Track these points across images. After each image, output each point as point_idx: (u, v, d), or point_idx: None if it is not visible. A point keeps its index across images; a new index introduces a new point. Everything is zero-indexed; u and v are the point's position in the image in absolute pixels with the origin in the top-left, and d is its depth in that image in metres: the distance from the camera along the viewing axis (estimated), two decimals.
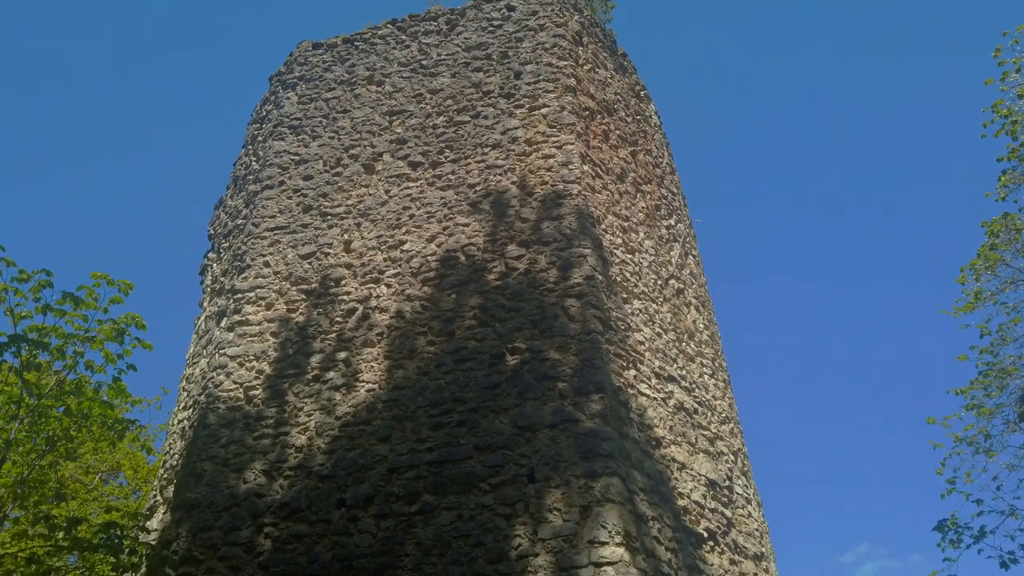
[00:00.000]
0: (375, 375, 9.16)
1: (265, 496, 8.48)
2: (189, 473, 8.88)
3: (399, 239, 10.37)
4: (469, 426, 8.41)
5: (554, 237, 9.71)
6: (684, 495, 8.82)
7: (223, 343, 9.92)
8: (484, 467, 8.08)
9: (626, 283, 10.10)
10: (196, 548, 8.19)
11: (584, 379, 8.42)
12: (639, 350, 9.53)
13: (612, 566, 7.09)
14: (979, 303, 10.25)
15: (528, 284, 9.38)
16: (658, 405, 9.30)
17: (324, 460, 8.61)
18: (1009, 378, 9.53)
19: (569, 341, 8.76)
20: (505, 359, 8.83)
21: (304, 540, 8.06)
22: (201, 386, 9.85)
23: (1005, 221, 10.15)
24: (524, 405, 8.40)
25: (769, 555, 10.03)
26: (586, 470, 7.74)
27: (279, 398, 9.26)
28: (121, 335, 8.71)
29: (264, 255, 10.70)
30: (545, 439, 8.11)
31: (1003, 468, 9.21)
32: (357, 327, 9.68)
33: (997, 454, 9.34)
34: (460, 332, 9.22)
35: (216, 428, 9.12)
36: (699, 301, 12.01)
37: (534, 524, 7.55)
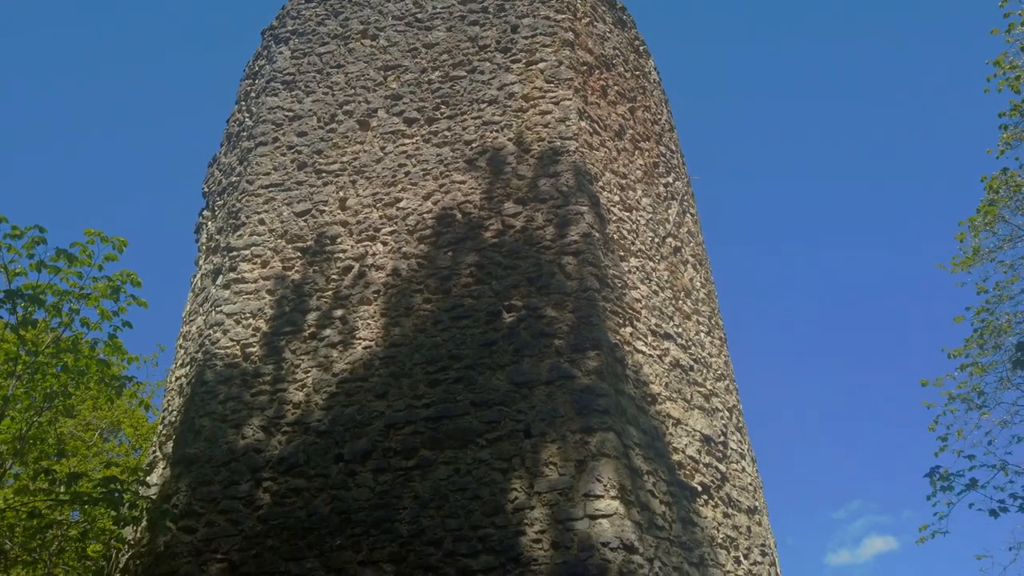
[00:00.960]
0: (372, 332, 9.17)
1: (263, 451, 8.55)
2: (188, 429, 8.94)
3: (395, 196, 10.29)
4: (466, 383, 8.45)
5: (551, 194, 9.64)
6: (679, 450, 8.91)
7: (219, 301, 9.90)
8: (481, 423, 8.14)
9: (623, 241, 10.06)
10: (196, 502, 8.28)
11: (580, 336, 8.43)
12: (635, 307, 9.53)
13: (607, 519, 7.19)
14: (977, 260, 10.23)
15: (525, 242, 9.34)
16: (654, 362, 9.34)
17: (322, 416, 8.67)
18: (1004, 335, 9.56)
19: (566, 298, 8.76)
20: (502, 316, 8.84)
21: (303, 494, 8.16)
22: (198, 343, 9.86)
23: (1005, 177, 10.08)
24: (521, 362, 8.43)
25: (762, 509, 10.18)
26: (582, 426, 7.80)
27: (276, 355, 9.28)
28: (116, 292, 8.69)
29: (259, 212, 10.62)
30: (541, 395, 8.16)
31: (995, 424, 9.31)
32: (353, 285, 9.66)
33: (990, 411, 9.43)
34: (457, 290, 9.21)
35: (214, 385, 9.15)
36: (696, 259, 11.99)
37: (530, 478, 7.63)
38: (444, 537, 7.51)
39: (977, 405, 9.42)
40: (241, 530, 8.04)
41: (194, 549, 7.99)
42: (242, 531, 8.03)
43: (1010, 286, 9.70)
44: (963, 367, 9.78)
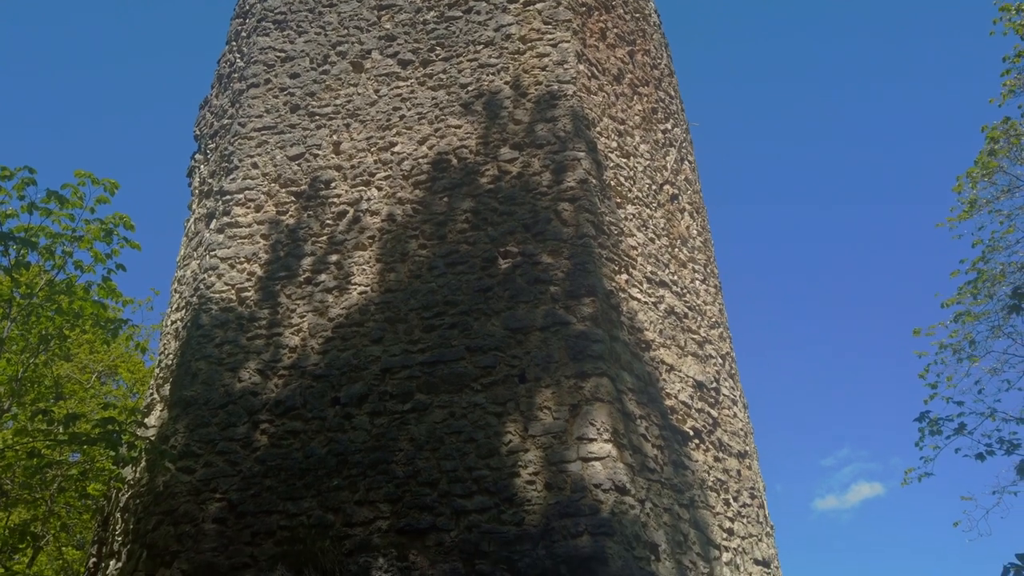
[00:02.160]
0: (367, 278, 9.15)
1: (260, 394, 8.61)
2: (184, 372, 8.98)
3: (389, 141, 10.15)
4: (461, 328, 8.48)
5: (548, 139, 9.52)
6: (672, 395, 9.01)
7: (213, 245, 9.85)
8: (476, 368, 8.20)
9: (620, 188, 9.98)
10: (194, 443, 8.37)
11: (576, 283, 8.43)
12: (631, 255, 9.51)
13: (600, 461, 7.31)
14: (974, 211, 10.20)
15: (521, 187, 9.26)
16: (649, 309, 9.37)
17: (318, 360, 8.71)
18: (998, 285, 9.58)
19: (562, 245, 8.73)
20: (497, 263, 8.82)
21: (300, 436, 8.25)
22: (193, 287, 9.84)
23: (1006, 127, 9.97)
24: (516, 308, 8.44)
25: (752, 454, 10.35)
26: (576, 371, 7.86)
27: (272, 300, 9.27)
28: (109, 235, 8.63)
29: (252, 156, 10.48)
30: (536, 341, 8.19)
31: (985, 372, 9.40)
32: (348, 230, 9.60)
33: (980, 359, 9.52)
34: (452, 236, 9.17)
35: (209, 328, 9.16)
36: (693, 207, 11.93)
37: (524, 422, 7.72)
38: (439, 478, 7.63)
39: (968, 354, 9.51)
40: (239, 471, 8.15)
41: (193, 489, 8.11)
42: (240, 472, 8.14)
43: (1006, 236, 9.71)
44: (956, 316, 9.84)
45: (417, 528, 7.40)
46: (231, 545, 7.74)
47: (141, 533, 8.26)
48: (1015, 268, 9.57)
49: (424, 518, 7.44)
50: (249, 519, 7.85)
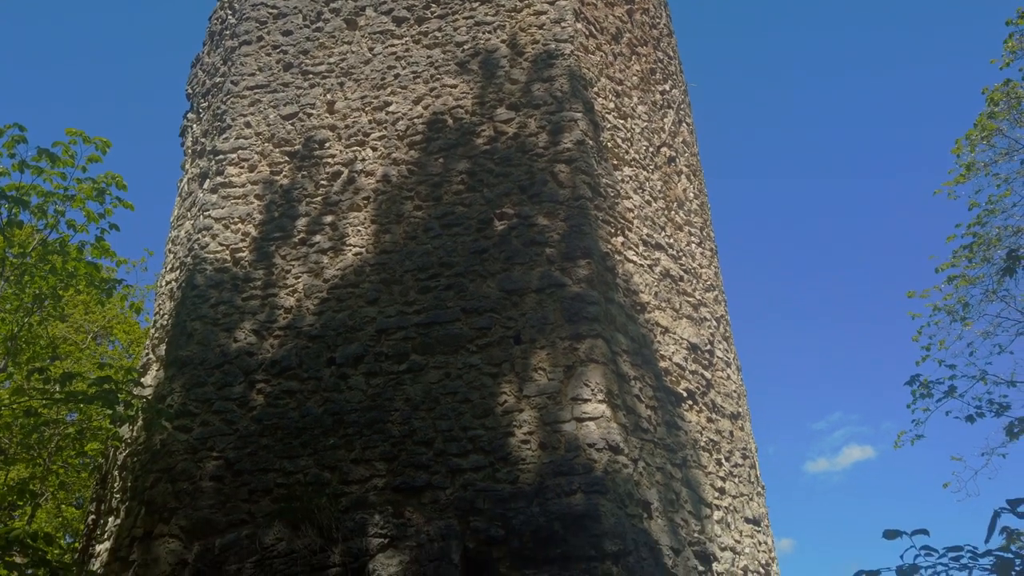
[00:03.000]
0: (362, 239, 9.12)
1: (256, 354, 8.64)
2: (180, 332, 8.99)
3: (384, 100, 10.03)
4: (456, 290, 8.48)
5: (544, 100, 9.42)
6: (666, 357, 9.06)
7: (207, 205, 9.78)
8: (471, 329, 8.22)
9: (617, 149, 9.91)
10: (190, 403, 8.42)
11: (572, 245, 8.42)
12: (628, 217, 9.49)
13: (594, 421, 7.38)
14: (971, 174, 10.15)
15: (517, 148, 9.19)
16: (644, 272, 9.37)
17: (313, 321, 8.72)
18: (993, 248, 9.58)
19: (558, 207, 8.69)
20: (493, 224, 8.78)
21: (296, 396, 8.30)
22: (187, 248, 9.80)
23: (1007, 89, 9.88)
24: (511, 270, 8.43)
25: (745, 415, 10.46)
26: (571, 332, 7.89)
27: (266, 260, 9.25)
28: (102, 194, 8.56)
29: (245, 115, 10.36)
30: (532, 303, 8.21)
31: (978, 336, 9.46)
32: (343, 191, 9.54)
33: (973, 322, 9.57)
34: (448, 197, 9.11)
35: (204, 289, 9.15)
36: (690, 170, 11.87)
37: (519, 382, 7.77)
38: (435, 437, 7.70)
39: (961, 317, 9.55)
40: (236, 430, 8.21)
41: (190, 447, 8.18)
42: (237, 431, 8.20)
43: (1003, 200, 9.68)
44: (950, 279, 9.86)
45: (413, 486, 7.49)
46: (228, 502, 7.83)
47: (139, 490, 8.34)
48: (1011, 232, 9.58)
49: (420, 476, 7.53)
50: (246, 477, 7.93)
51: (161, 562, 7.61)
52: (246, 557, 7.10)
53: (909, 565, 3.27)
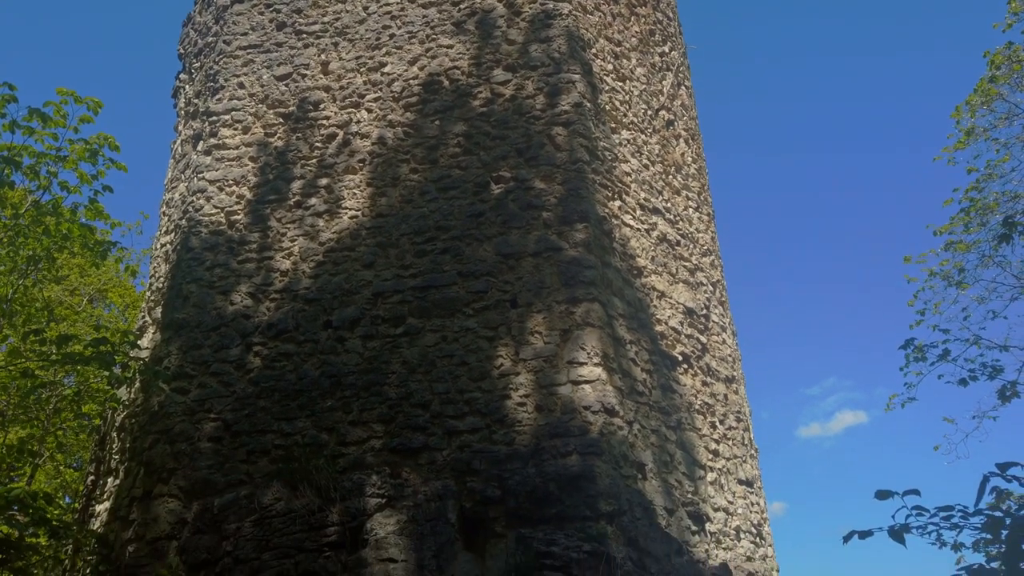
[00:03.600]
0: (358, 202, 9.06)
1: (252, 317, 8.63)
2: (176, 295, 8.97)
3: (379, 61, 9.88)
4: (453, 254, 8.46)
5: (542, 61, 9.29)
6: (662, 321, 9.09)
7: (201, 167, 9.69)
8: (468, 293, 8.22)
9: (615, 112, 9.81)
10: (187, 365, 8.44)
11: (569, 209, 8.38)
12: (625, 181, 9.43)
13: (590, 384, 7.42)
14: (971, 140, 10.09)
15: (514, 111, 9.09)
16: (641, 236, 9.35)
17: (309, 284, 8.70)
18: (990, 214, 9.57)
19: (555, 170, 8.63)
20: (489, 188, 8.73)
21: (293, 358, 8.32)
22: (182, 210, 9.73)
23: (1008, 52, 9.77)
24: (508, 234, 8.40)
25: (739, 379, 10.53)
26: (568, 296, 7.89)
27: (262, 223, 9.19)
28: (94, 155, 8.46)
29: (238, 75, 10.21)
30: (528, 267, 8.20)
31: (972, 300, 9.49)
32: (338, 153, 9.45)
33: (969, 287, 9.59)
34: (444, 160, 9.04)
35: (199, 252, 9.11)
36: (689, 134, 11.77)
37: (516, 346, 7.79)
38: (432, 400, 7.75)
39: (957, 282, 9.57)
40: (233, 392, 8.25)
41: (188, 409, 8.22)
42: (234, 392, 8.24)
43: (1001, 165, 9.64)
44: (947, 245, 9.87)
45: (410, 447, 7.55)
46: (227, 463, 7.89)
47: (138, 451, 8.40)
48: (1008, 197, 9.56)
49: (417, 438, 7.59)
50: (244, 438, 7.99)
51: (161, 521, 7.69)
52: (245, 516, 7.18)
53: (900, 525, 3.32)
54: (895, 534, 3.32)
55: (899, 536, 3.30)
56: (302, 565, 6.74)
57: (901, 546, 3.30)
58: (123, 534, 8.07)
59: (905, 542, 3.34)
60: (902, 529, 3.30)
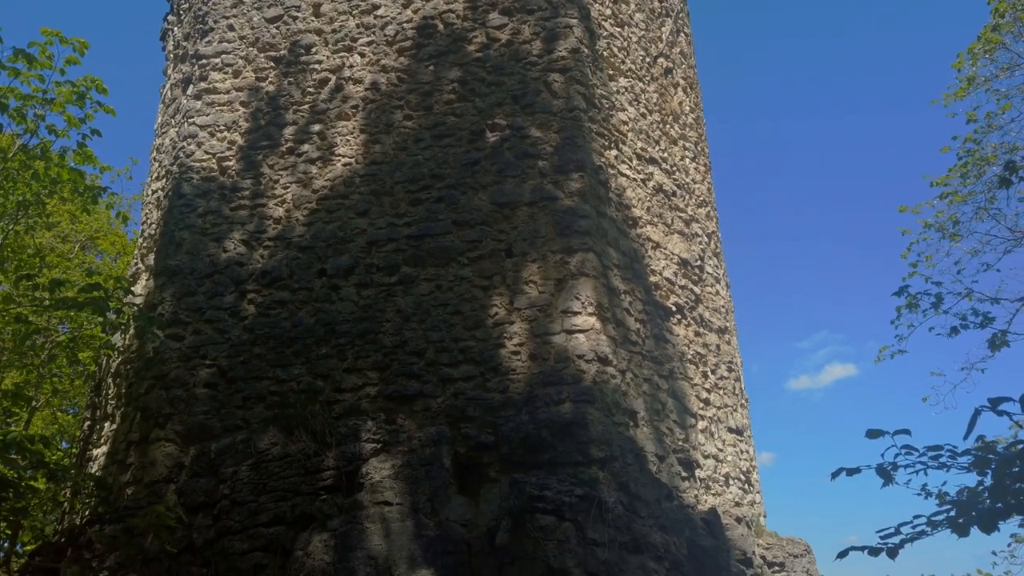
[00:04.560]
0: (351, 149, 8.95)
1: (246, 265, 8.60)
2: (168, 242, 8.91)
3: (372, 3, 9.64)
4: (448, 202, 8.40)
5: (539, 5, 9.08)
6: (656, 272, 9.10)
7: (191, 112, 9.53)
8: (462, 242, 8.19)
9: (613, 59, 9.65)
10: (181, 312, 8.43)
11: (565, 157, 8.30)
12: (622, 130, 9.33)
13: (583, 333, 7.46)
14: (971, 89, 9.98)
15: (510, 56, 8.92)
16: (637, 186, 9.29)
17: (303, 232, 8.65)
18: (988, 165, 9.52)
19: (551, 118, 8.52)
20: (485, 136, 8.62)
21: (287, 306, 8.32)
22: (172, 156, 9.60)
23: (1013, 0, 9.59)
24: (503, 182, 8.34)
25: (732, 330, 10.60)
26: (563, 246, 7.87)
27: (254, 170, 9.09)
28: (82, 98, 8.30)
29: (227, 17, 9.96)
30: (524, 216, 8.15)
31: (966, 253, 9.50)
32: (331, 99, 9.29)
33: (963, 239, 9.60)
34: (438, 107, 8.90)
35: (191, 198, 9.02)
36: (687, 83, 11.61)
37: (510, 295, 7.80)
38: (426, 348, 7.78)
39: (951, 234, 9.58)
40: (228, 338, 8.26)
41: (183, 355, 8.24)
42: (229, 339, 8.25)
43: (1001, 115, 9.54)
44: (943, 196, 9.84)
45: (405, 394, 7.62)
46: (223, 408, 7.95)
47: (133, 397, 8.45)
48: (1006, 149, 9.51)
49: (411, 385, 7.64)
50: (240, 384, 8.03)
51: (158, 465, 7.78)
52: (242, 460, 7.27)
53: (888, 463, 3.38)
54: (883, 472, 3.38)
55: (886, 474, 3.37)
56: (299, 508, 6.85)
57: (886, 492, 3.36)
58: (121, 477, 8.17)
59: (893, 480, 3.40)
60: (890, 467, 3.36)
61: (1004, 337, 8.21)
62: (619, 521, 6.35)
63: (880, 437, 3.37)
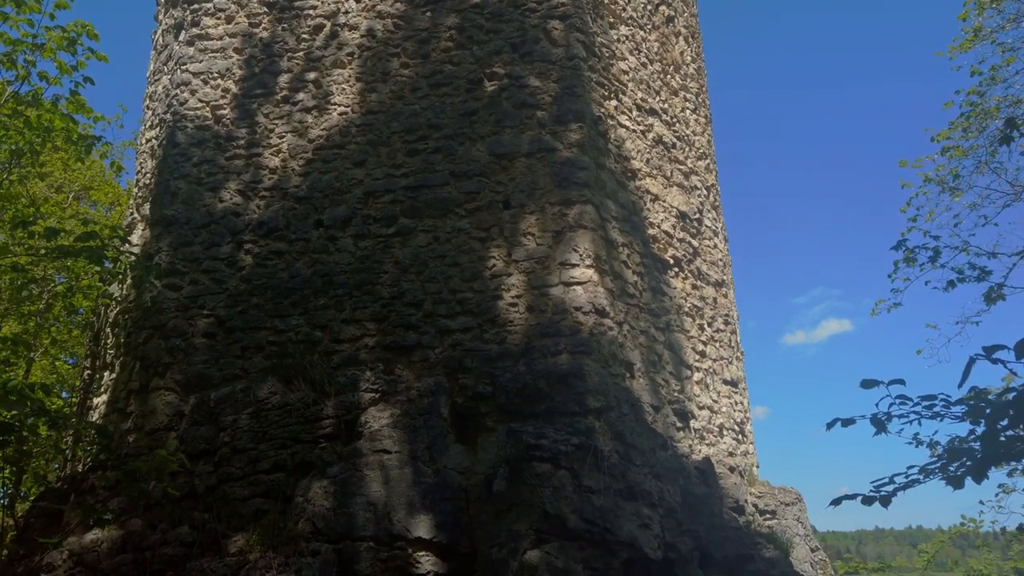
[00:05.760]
0: (347, 98, 8.82)
1: (242, 215, 8.55)
2: (163, 191, 8.84)
3: None
4: (445, 153, 8.32)
5: None
6: (655, 225, 9.07)
7: (184, 58, 9.35)
8: (460, 193, 8.13)
9: (614, 6, 9.45)
10: (178, 262, 8.41)
11: (564, 108, 8.19)
12: (622, 80, 9.19)
13: (581, 286, 7.47)
14: (977, 41, 9.82)
15: (509, 2, 8.73)
16: (637, 137, 9.20)
17: (299, 182, 8.58)
18: (990, 119, 9.43)
19: (550, 67, 8.39)
20: (483, 85, 8.49)
21: (284, 257, 8.30)
22: (166, 104, 9.45)
23: None
24: (501, 133, 8.24)
25: (729, 284, 10.62)
26: (561, 198, 7.83)
27: (249, 119, 8.97)
28: (72, 44, 8.13)
29: None
30: (522, 167, 8.09)
31: (965, 207, 9.47)
32: (326, 46, 9.12)
33: (963, 193, 9.56)
34: (436, 55, 8.75)
35: (186, 147, 8.92)
36: (689, 32, 11.40)
37: (508, 247, 7.79)
38: (424, 299, 7.80)
39: (951, 188, 9.54)
40: (225, 289, 8.26)
41: (180, 305, 8.25)
42: (226, 290, 8.25)
43: (1005, 68, 9.42)
44: (944, 150, 9.76)
45: (403, 345, 7.66)
46: (221, 358, 8.00)
47: (132, 346, 8.48)
48: (1010, 102, 9.40)
49: (409, 336, 7.68)
50: (238, 334, 8.06)
51: (159, 413, 7.86)
52: (241, 409, 7.33)
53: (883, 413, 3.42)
54: (877, 422, 3.43)
55: (880, 424, 3.42)
56: (299, 455, 6.94)
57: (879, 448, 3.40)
58: (122, 425, 8.26)
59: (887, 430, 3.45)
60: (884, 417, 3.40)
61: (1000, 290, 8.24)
62: (614, 469, 6.46)
63: (875, 387, 3.41)
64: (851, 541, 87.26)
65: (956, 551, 27.39)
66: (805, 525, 9.61)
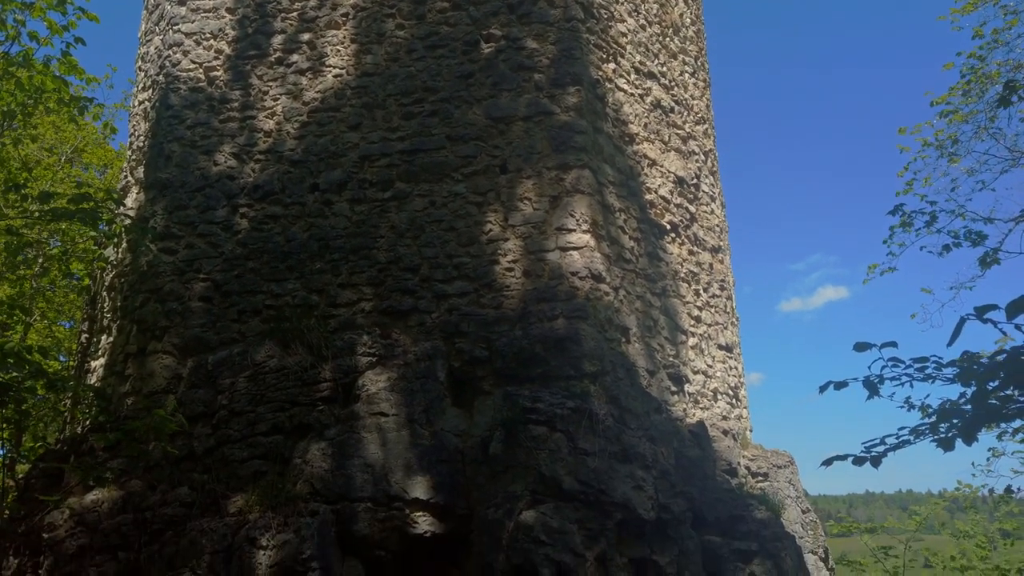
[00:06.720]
0: (342, 60, 8.71)
1: (237, 179, 8.50)
2: (157, 154, 8.77)
3: None
4: (441, 116, 8.24)
5: None
6: (652, 190, 9.04)
7: (175, 18, 9.20)
8: (456, 157, 8.08)
9: None
10: (174, 225, 8.38)
11: (561, 70, 8.11)
12: (621, 42, 9.08)
13: (578, 251, 7.47)
14: (980, 4, 9.70)
15: None
16: (635, 101, 9.12)
17: (295, 145, 8.51)
18: (991, 83, 9.36)
19: (548, 29, 8.28)
20: (479, 47, 8.39)
21: (280, 221, 8.27)
22: (158, 65, 9.33)
23: None
24: (498, 96, 8.17)
25: (726, 249, 10.63)
26: (558, 162, 7.79)
27: (243, 80, 8.86)
28: (63, 3, 7.99)
29: None
30: (519, 131, 8.03)
31: (962, 172, 9.44)
32: (320, 6, 8.97)
33: (960, 159, 9.53)
34: (432, 16, 8.62)
35: (179, 109, 8.82)
36: None
37: (505, 212, 7.77)
38: (420, 264, 7.80)
39: (949, 153, 9.50)
40: (221, 252, 8.24)
41: (176, 269, 8.24)
42: (222, 253, 8.24)
43: (1007, 31, 9.31)
44: (943, 114, 9.70)
45: (399, 310, 7.68)
46: (219, 322, 8.01)
47: (129, 310, 8.49)
48: (1011, 67, 9.32)
49: (406, 301, 7.69)
50: (235, 298, 8.07)
51: (156, 376, 7.90)
52: (239, 372, 7.37)
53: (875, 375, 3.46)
54: (869, 384, 3.47)
55: (873, 387, 3.46)
56: (296, 418, 7.00)
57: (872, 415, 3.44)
58: (120, 388, 8.30)
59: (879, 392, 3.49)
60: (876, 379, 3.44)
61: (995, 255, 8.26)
62: (609, 432, 6.53)
63: (868, 350, 3.44)
64: (842, 504, 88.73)
65: (945, 514, 27.83)
66: (797, 487, 9.76)
